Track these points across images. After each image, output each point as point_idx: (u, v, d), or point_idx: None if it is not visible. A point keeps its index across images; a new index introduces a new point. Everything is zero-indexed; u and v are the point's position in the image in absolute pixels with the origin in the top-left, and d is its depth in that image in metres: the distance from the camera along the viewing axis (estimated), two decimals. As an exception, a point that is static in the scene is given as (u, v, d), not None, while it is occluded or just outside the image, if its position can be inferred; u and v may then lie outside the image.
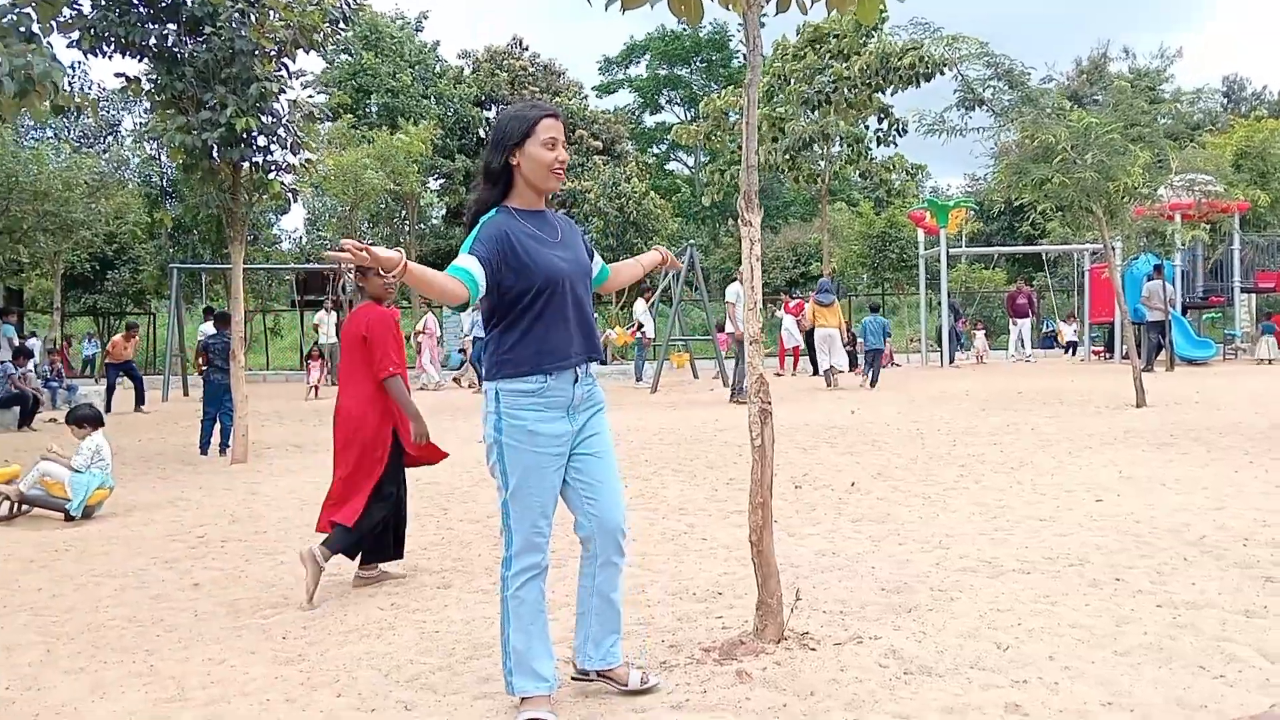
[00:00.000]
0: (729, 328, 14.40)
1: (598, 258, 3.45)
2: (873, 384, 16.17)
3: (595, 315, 3.35)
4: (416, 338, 20.31)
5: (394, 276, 2.81)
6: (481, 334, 18.42)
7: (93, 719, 3.34)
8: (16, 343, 16.33)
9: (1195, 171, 17.71)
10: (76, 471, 7.11)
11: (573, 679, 3.36)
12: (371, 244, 2.80)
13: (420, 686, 3.47)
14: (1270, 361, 19.12)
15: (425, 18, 33.56)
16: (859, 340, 23.84)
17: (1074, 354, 23.97)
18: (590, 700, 3.24)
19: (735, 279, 14.68)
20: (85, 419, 7.53)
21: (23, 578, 5.43)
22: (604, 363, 3.36)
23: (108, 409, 15.87)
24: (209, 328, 15.79)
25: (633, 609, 4.26)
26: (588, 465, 3.21)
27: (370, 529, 4.91)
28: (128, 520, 7.08)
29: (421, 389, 18.49)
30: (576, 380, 3.17)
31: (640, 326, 19.61)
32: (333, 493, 4.95)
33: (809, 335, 18.74)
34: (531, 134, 3.11)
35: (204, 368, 10.84)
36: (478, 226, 3.13)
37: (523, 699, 3.11)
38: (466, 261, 2.99)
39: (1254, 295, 23.70)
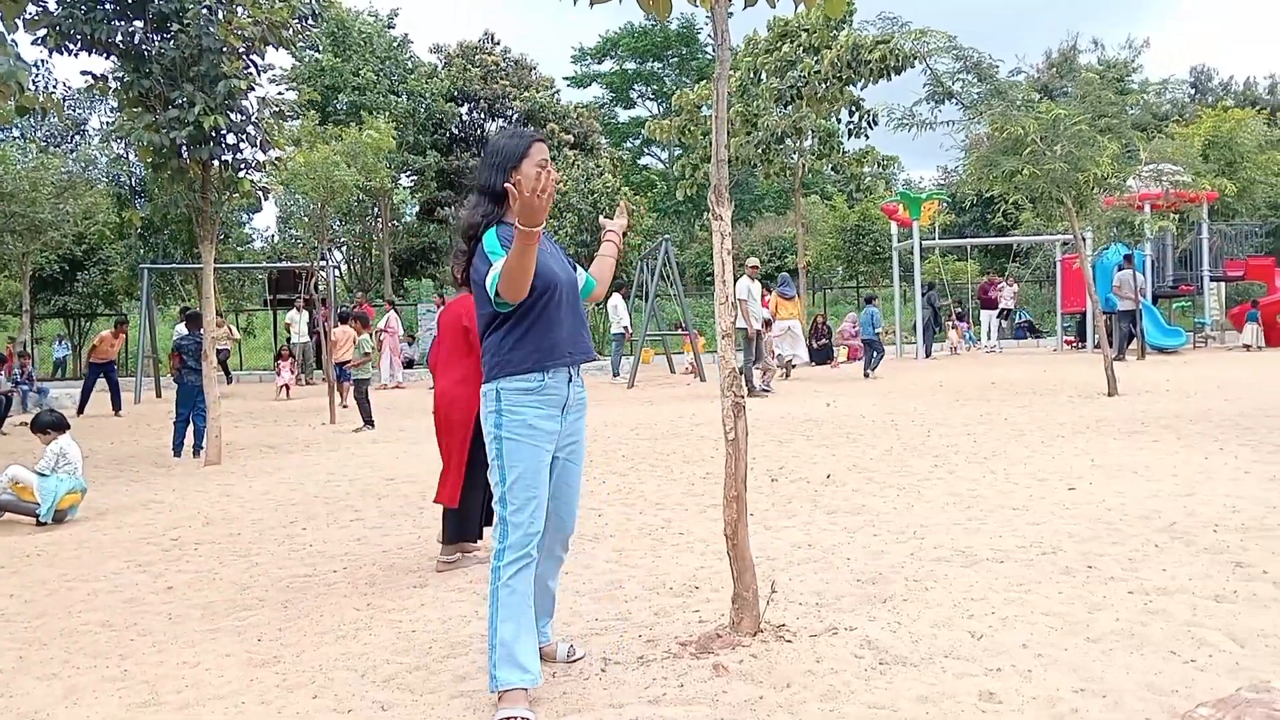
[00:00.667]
0: (740, 323, 14.27)
1: (580, 270, 3.60)
2: (871, 370, 16.69)
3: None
4: (377, 335, 20.17)
5: (534, 232, 2.92)
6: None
7: (65, 725, 3.31)
8: None
9: (1164, 162, 17.87)
10: (42, 476, 7.04)
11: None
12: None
13: (397, 686, 3.46)
14: (1257, 348, 19.30)
15: (396, 14, 33.35)
16: (835, 332, 24.01)
17: (1009, 320, 24.00)
18: (569, 696, 3.25)
19: (744, 274, 14.56)
20: (48, 425, 7.46)
21: (-7, 583, 5.37)
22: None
23: (81, 411, 15.69)
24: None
25: (609, 604, 4.27)
26: (562, 470, 3.41)
27: (478, 505, 5.11)
28: (100, 524, 7.01)
29: (380, 388, 18.39)
30: (570, 380, 3.35)
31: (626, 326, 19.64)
32: (442, 474, 5.19)
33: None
34: (527, 155, 3.32)
35: (178, 369, 10.72)
36: (492, 234, 3.27)
37: (501, 695, 3.12)
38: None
39: (1223, 284, 23.98)
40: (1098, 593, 4.05)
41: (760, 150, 25.70)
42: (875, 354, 17.25)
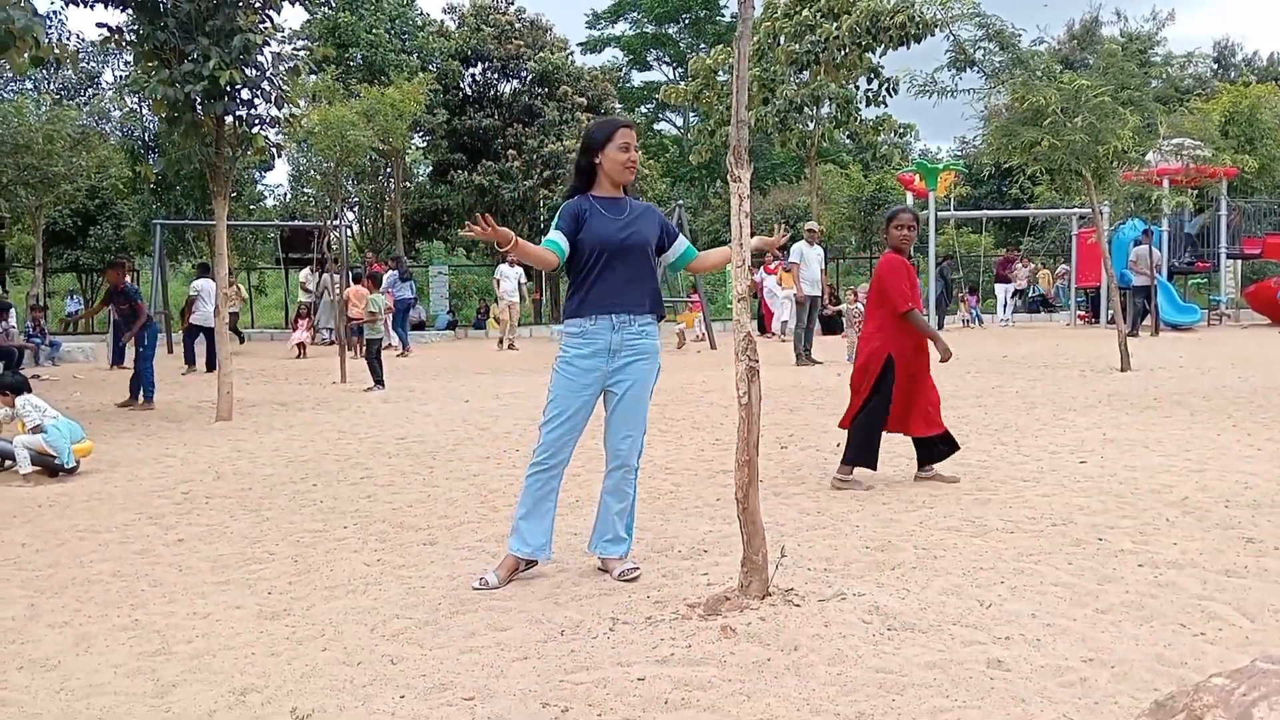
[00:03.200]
0: (805, 289, 13.89)
1: (681, 240, 4.26)
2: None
3: (652, 279, 4.14)
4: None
5: (506, 251, 3.81)
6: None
7: (77, 672, 3.33)
8: None
9: (1183, 136, 17.69)
10: (43, 431, 7.06)
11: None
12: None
13: (406, 641, 3.48)
14: None
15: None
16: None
17: (1023, 300, 23.62)
18: (576, 654, 3.26)
19: (802, 238, 14.18)
20: (8, 386, 7.45)
21: (5, 532, 5.41)
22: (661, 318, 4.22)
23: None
24: (201, 283, 15.68)
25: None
26: (612, 403, 4.08)
27: (874, 436, 5.74)
28: (112, 476, 7.05)
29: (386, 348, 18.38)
30: (614, 329, 3.97)
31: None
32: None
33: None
34: (612, 139, 4.03)
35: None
36: (560, 211, 4.04)
37: (504, 560, 4.04)
38: (554, 234, 3.99)
39: (1240, 261, 23.78)
40: (1108, 565, 4.04)
41: (778, 119, 25.49)
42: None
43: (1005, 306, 23.76)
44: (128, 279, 12.01)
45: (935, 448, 5.92)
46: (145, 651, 3.49)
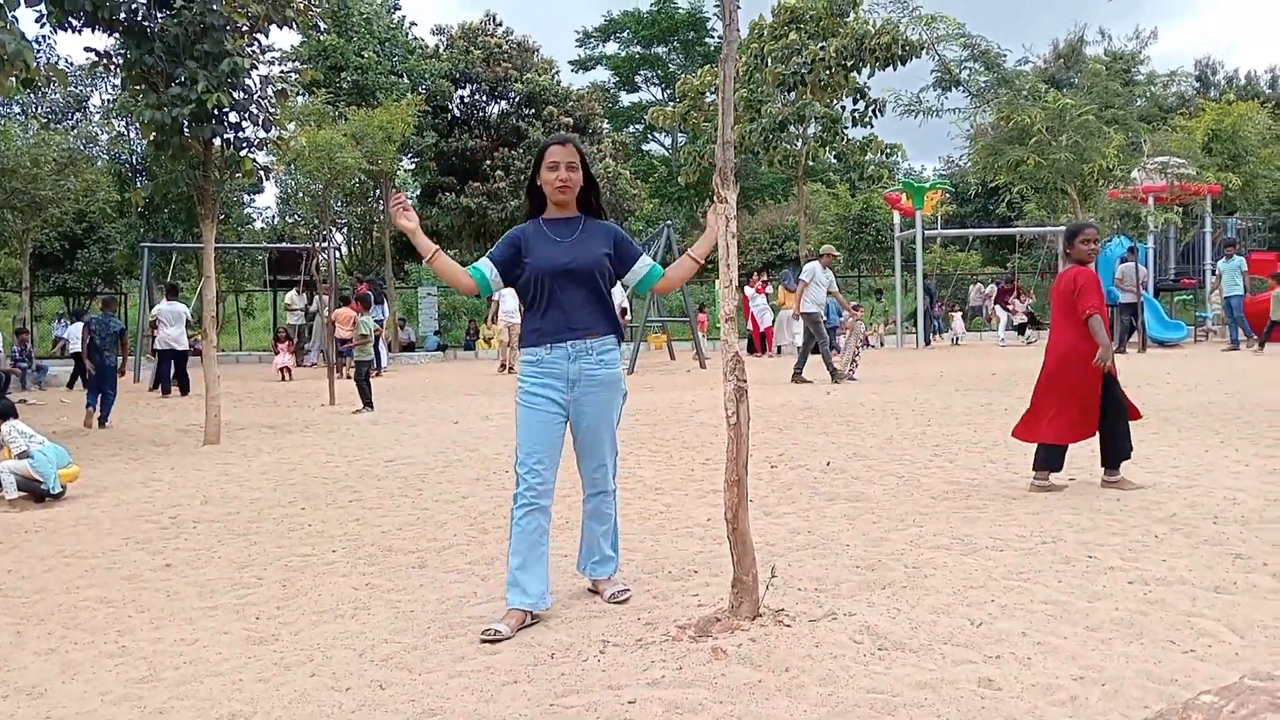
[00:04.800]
0: (804, 306, 13.87)
1: (644, 261, 4.11)
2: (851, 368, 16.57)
3: (604, 301, 3.99)
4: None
5: (426, 262, 4.00)
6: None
7: (64, 700, 3.30)
8: None
9: (1168, 154, 17.83)
10: (29, 456, 7.02)
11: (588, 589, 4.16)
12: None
13: (395, 666, 3.46)
14: None
15: (400, -6, 33.15)
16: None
17: (1023, 334, 23.29)
18: (566, 677, 3.24)
19: (818, 258, 14.15)
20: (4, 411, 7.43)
21: (-9, 558, 5.37)
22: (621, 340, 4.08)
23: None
24: (162, 306, 15.61)
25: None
26: (578, 434, 4.00)
27: (1126, 431, 6.02)
28: (98, 501, 7.01)
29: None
30: (570, 357, 3.87)
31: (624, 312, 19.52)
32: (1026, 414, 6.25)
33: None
34: (542, 159, 3.94)
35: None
36: (505, 234, 4.03)
37: (507, 613, 3.78)
38: (483, 262, 3.98)
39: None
40: (1097, 582, 4.05)
41: (763, 137, 25.61)
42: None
43: (1000, 327, 23.81)
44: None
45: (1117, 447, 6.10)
46: (133, 678, 3.46)
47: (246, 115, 9.76)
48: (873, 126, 26.59)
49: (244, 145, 9.98)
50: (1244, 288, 17.49)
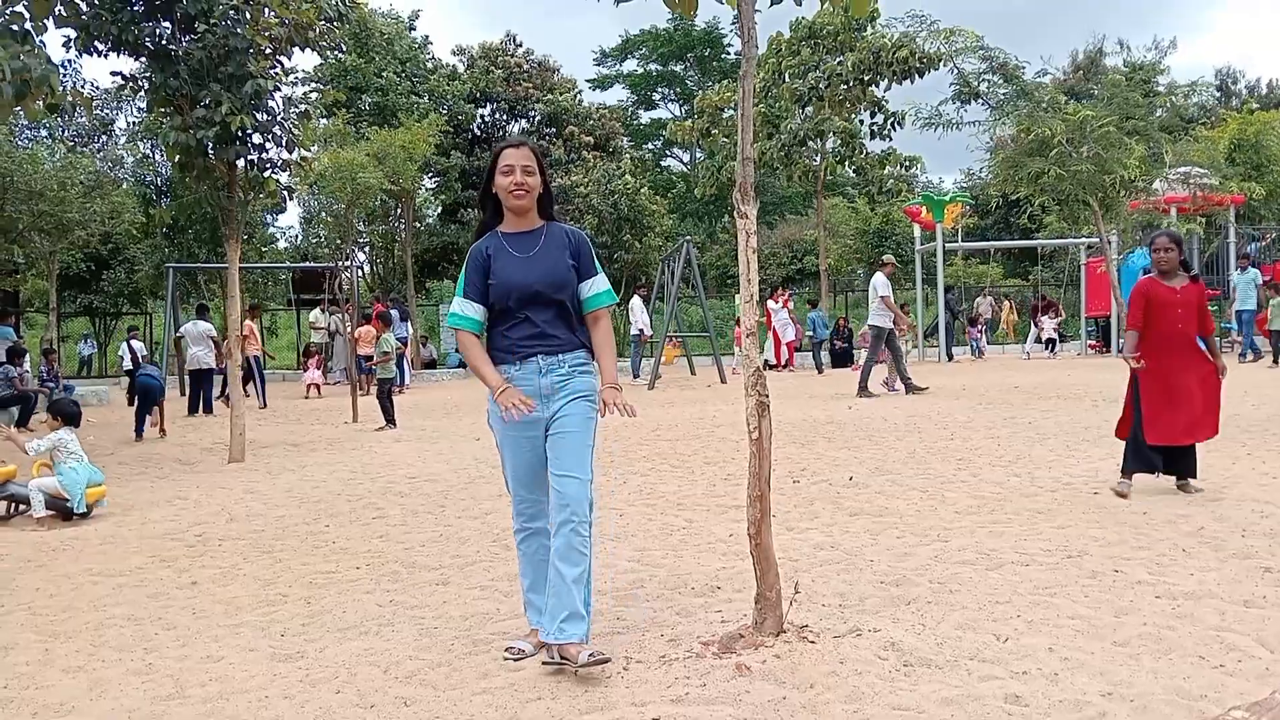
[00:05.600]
0: (876, 320, 13.72)
1: (599, 280, 3.79)
2: (820, 370, 18.27)
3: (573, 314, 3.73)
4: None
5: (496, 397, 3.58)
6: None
7: (91, 717, 3.33)
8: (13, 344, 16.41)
9: (1190, 165, 17.71)
10: (60, 471, 7.12)
11: (543, 663, 3.49)
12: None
13: (419, 683, 3.46)
14: None
15: (418, 16, 33.41)
16: (857, 335, 23.93)
17: (1053, 350, 23.09)
18: (590, 694, 3.24)
19: (886, 265, 14.00)
20: (60, 412, 7.55)
21: (20, 577, 5.42)
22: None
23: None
24: (189, 325, 15.81)
25: (632, 603, 4.26)
26: (554, 443, 3.62)
27: (1141, 442, 6.20)
28: (125, 519, 7.06)
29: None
30: (541, 372, 3.63)
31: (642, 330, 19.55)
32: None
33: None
34: (495, 163, 3.70)
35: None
36: (467, 261, 3.74)
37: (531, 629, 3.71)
38: (465, 307, 3.70)
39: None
40: (1124, 597, 4.01)
41: (782, 153, 25.63)
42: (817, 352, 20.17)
43: (1028, 340, 23.72)
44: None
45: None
46: (159, 695, 3.48)
47: (270, 137, 9.86)
48: (891, 140, 26.62)
49: (267, 166, 10.09)
50: (1259, 301, 17.26)
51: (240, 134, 9.47)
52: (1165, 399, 6.12)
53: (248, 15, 9.33)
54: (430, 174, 31.63)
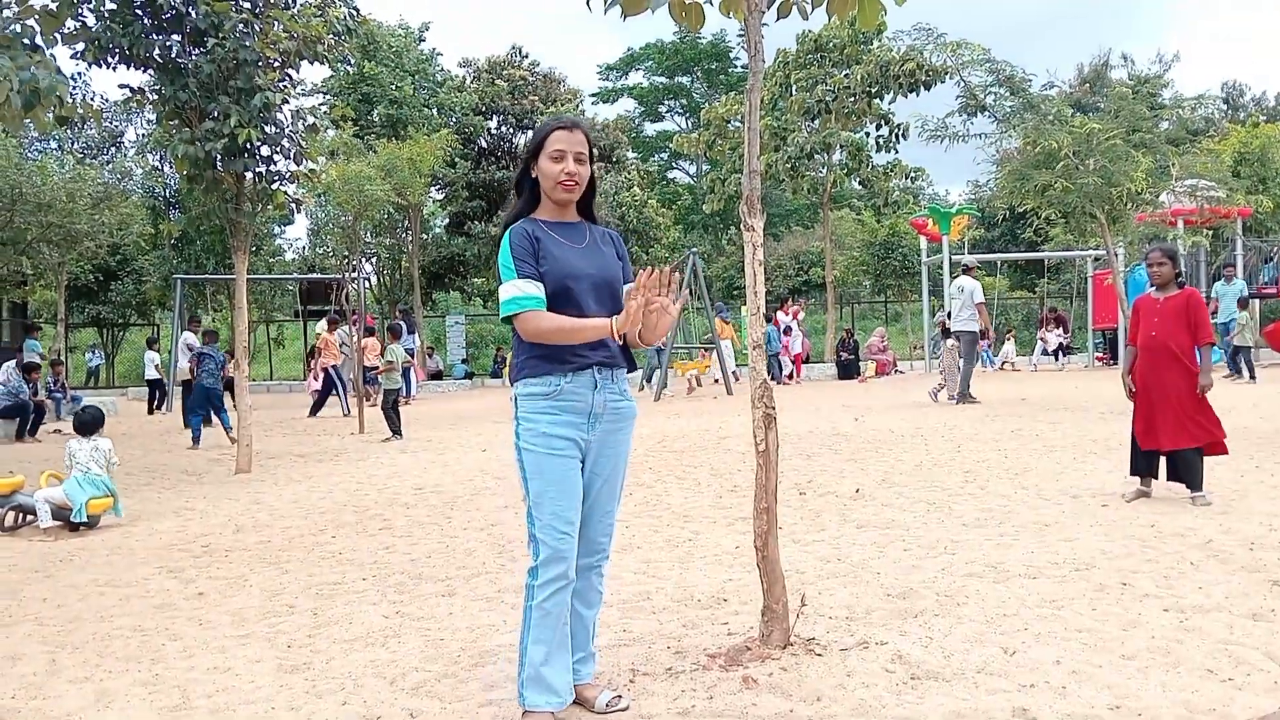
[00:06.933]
0: (966, 325, 13.56)
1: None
2: (774, 380, 18.13)
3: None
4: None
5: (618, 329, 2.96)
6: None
7: (98, 728, 3.33)
8: (35, 359, 16.69)
9: (1196, 177, 17.69)
10: (62, 482, 7.20)
11: None
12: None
13: (425, 694, 3.46)
14: None
15: (427, 28, 33.55)
16: (863, 348, 23.91)
17: (1059, 359, 23.37)
18: (594, 714, 3.23)
19: (966, 272, 13.80)
20: (82, 424, 7.65)
21: (27, 588, 5.43)
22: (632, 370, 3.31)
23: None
24: (189, 336, 15.89)
25: (638, 616, 4.26)
26: (593, 483, 3.16)
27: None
28: (132, 530, 7.08)
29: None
30: (596, 386, 3.10)
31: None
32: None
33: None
34: (542, 147, 3.14)
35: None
36: (506, 244, 3.10)
37: (525, 713, 3.05)
38: (526, 286, 3.02)
39: (1259, 301, 23.65)
40: (1132, 610, 4.00)
41: (789, 165, 25.68)
42: (779, 368, 20.39)
43: (1035, 352, 23.77)
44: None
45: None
46: (166, 706, 3.49)
47: (278, 149, 9.91)
48: (897, 152, 26.67)
49: (275, 179, 10.13)
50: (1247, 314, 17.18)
51: (249, 146, 9.51)
52: (1145, 405, 6.36)
53: (257, 29, 9.38)
54: (437, 186, 31.75)
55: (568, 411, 3.07)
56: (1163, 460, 6.39)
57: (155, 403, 19.18)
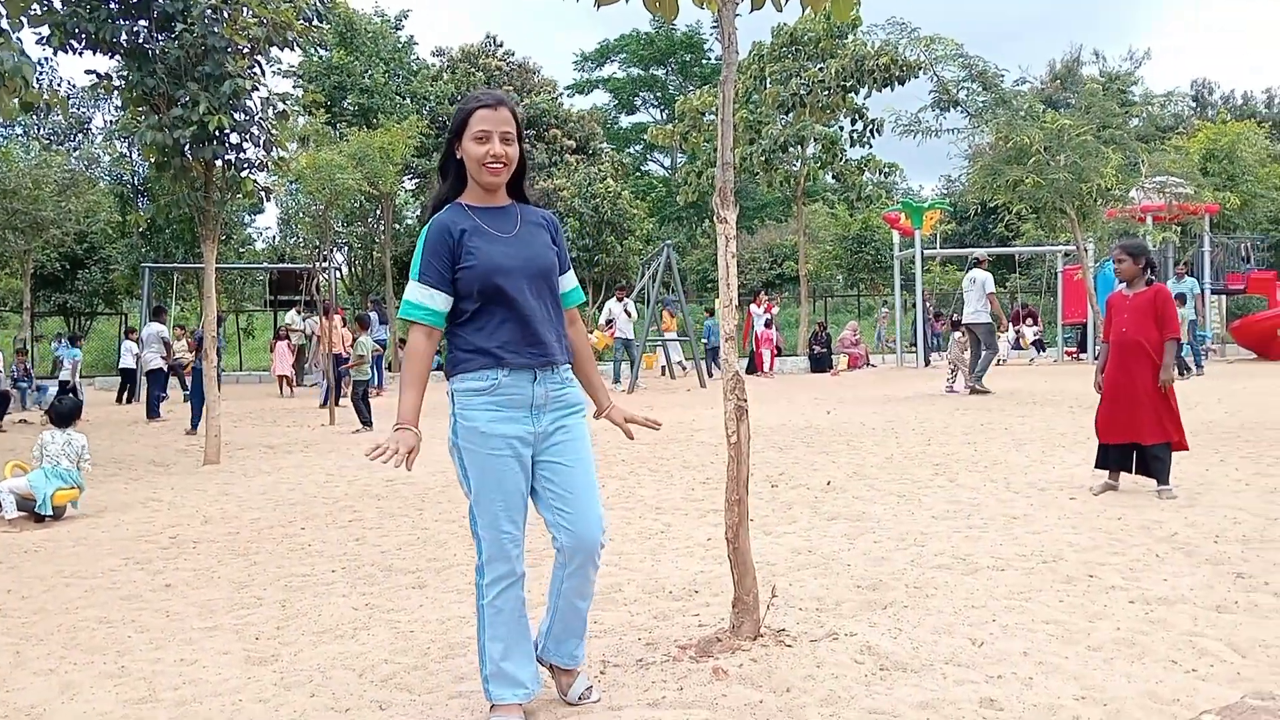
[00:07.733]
0: (981, 317, 13.57)
1: (570, 277, 3.21)
2: (710, 376, 18.66)
3: (560, 312, 3.15)
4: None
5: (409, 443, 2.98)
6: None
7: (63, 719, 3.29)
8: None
9: (1165, 174, 17.89)
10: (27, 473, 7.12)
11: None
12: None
13: (395, 686, 3.45)
14: None
15: (405, 16, 33.28)
16: (835, 340, 24.02)
17: (1040, 353, 23.76)
18: (565, 703, 3.23)
19: (977, 264, 13.74)
20: (59, 415, 7.57)
21: (-10, 579, 5.36)
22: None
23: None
24: (157, 327, 15.65)
25: (609, 607, 4.25)
26: (559, 475, 3.02)
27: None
28: (98, 521, 7.00)
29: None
30: (535, 379, 2.99)
31: (610, 323, 19.26)
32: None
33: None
34: (465, 127, 2.99)
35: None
36: (423, 236, 2.99)
37: (493, 706, 3.02)
38: (422, 293, 2.96)
39: (1224, 296, 23.97)
40: (1098, 601, 4.04)
41: (763, 158, 25.72)
42: (710, 361, 20.36)
43: (1007, 346, 24.01)
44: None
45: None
46: (132, 699, 3.45)
47: (247, 136, 9.80)
48: (871, 146, 26.79)
49: (245, 166, 10.02)
50: (1195, 311, 17.34)
51: (218, 134, 9.40)
52: (1110, 397, 6.50)
53: (225, 15, 9.27)
54: (410, 175, 31.55)
55: (508, 407, 2.97)
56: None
57: (126, 393, 18.96)
